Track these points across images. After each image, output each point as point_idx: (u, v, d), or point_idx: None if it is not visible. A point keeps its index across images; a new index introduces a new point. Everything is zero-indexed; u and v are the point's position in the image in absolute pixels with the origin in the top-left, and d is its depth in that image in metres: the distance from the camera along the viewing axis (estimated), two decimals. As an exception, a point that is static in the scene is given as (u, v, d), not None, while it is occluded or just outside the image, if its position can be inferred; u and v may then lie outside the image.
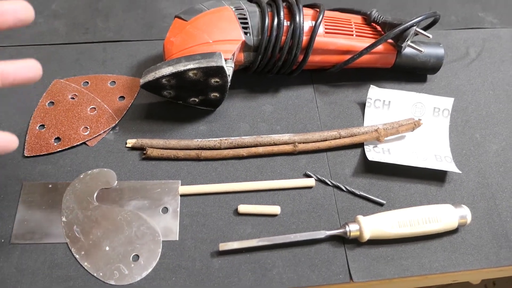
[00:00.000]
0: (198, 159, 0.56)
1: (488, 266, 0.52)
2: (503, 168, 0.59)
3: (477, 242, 0.53)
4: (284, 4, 0.57)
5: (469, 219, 0.52)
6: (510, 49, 0.71)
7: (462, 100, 0.65)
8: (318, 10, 0.59)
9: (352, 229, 0.50)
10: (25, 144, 0.55)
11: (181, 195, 0.54)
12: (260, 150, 0.57)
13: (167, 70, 0.51)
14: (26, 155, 0.55)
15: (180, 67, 0.51)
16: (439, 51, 0.63)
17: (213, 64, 0.50)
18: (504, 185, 0.57)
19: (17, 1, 0.37)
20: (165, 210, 0.53)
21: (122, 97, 0.61)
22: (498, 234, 0.54)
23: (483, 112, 0.64)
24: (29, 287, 0.47)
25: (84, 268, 0.49)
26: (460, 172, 0.56)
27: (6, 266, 0.48)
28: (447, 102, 0.61)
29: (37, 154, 0.55)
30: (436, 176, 0.57)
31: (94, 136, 0.57)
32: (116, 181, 0.54)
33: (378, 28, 0.62)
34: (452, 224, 0.52)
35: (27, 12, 0.37)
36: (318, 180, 0.56)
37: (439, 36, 0.72)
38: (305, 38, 0.57)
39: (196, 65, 0.50)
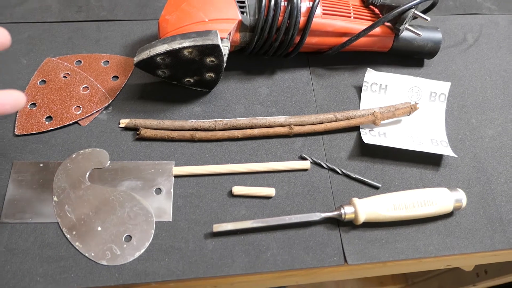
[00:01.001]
0: (192, 140, 0.55)
1: (483, 250, 0.52)
2: (499, 153, 0.59)
3: (472, 226, 0.53)
4: (281, -17, 0.56)
5: (464, 203, 0.52)
6: (507, 35, 0.71)
7: (459, 85, 0.65)
8: (316, -10, 0.58)
9: (347, 211, 0.50)
10: (16, 122, 0.54)
11: (175, 176, 0.53)
12: (255, 132, 0.56)
13: (161, 48, 0.50)
14: (16, 133, 0.54)
15: (175, 45, 0.50)
16: (437, 35, 0.63)
17: (209, 42, 0.49)
18: (499, 170, 0.57)
19: None
20: (159, 191, 0.52)
21: (116, 77, 0.60)
22: (493, 218, 0.54)
23: (479, 97, 0.64)
24: (19, 266, 0.46)
25: (75, 248, 0.48)
26: (456, 156, 0.56)
27: (-4, 245, 0.47)
28: (444, 87, 0.61)
29: (28, 133, 0.54)
30: (432, 160, 0.57)
31: (87, 115, 0.56)
32: (109, 161, 0.53)
33: (376, 10, 0.62)
34: (447, 207, 0.51)
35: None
36: (314, 163, 0.55)
37: (437, 21, 0.71)
38: (302, 19, 0.56)
39: (192, 43, 0.49)
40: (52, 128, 0.54)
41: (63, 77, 0.58)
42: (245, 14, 0.55)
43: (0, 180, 0.51)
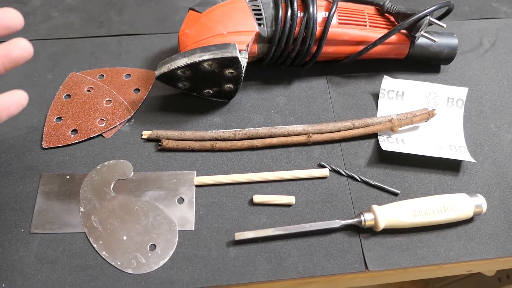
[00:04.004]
0: (213, 150, 0.57)
1: (504, 256, 0.52)
2: (519, 158, 0.59)
3: (493, 231, 0.53)
4: (297, -5, 0.57)
5: (484, 208, 0.52)
6: (524, 39, 0.71)
7: (476, 90, 0.65)
8: (331, 0, 0.59)
9: (367, 218, 0.50)
10: (43, 136, 0.56)
11: (197, 186, 0.54)
12: (274, 141, 0.57)
13: (182, 62, 0.52)
14: (44, 147, 0.56)
15: (195, 58, 0.51)
16: (453, 41, 0.63)
17: (228, 55, 0.51)
18: (519, 175, 0.57)
19: (5, 9, 0.37)
20: (181, 200, 0.53)
21: (137, 90, 0.61)
22: (514, 223, 0.54)
23: (497, 102, 0.64)
24: (49, 275, 0.48)
25: (102, 257, 0.49)
26: (475, 161, 0.56)
27: (26, 255, 0.49)
28: (461, 92, 0.61)
29: (55, 146, 0.56)
30: (451, 166, 0.57)
31: (110, 128, 0.57)
32: (132, 172, 0.55)
33: (392, 18, 0.62)
34: (467, 213, 0.52)
35: (14, 20, 0.37)
36: (332, 171, 0.56)
37: (452, 26, 0.71)
38: (318, 29, 0.57)
39: (211, 56, 0.51)
40: (77, 141, 0.56)
41: (87, 91, 0.60)
42: (262, 26, 0.56)
43: (29, 192, 0.53)
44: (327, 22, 0.57)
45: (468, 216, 0.52)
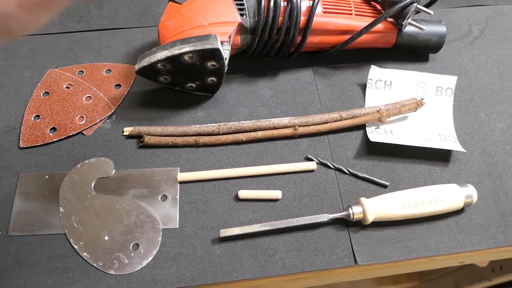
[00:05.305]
0: (196, 145, 0.55)
1: (496, 246, 0.51)
2: (509, 146, 0.57)
3: (484, 221, 0.52)
4: (280, -16, 0.56)
5: (475, 198, 0.51)
6: (513, 25, 0.70)
7: (466, 78, 0.63)
8: (315, -11, 0.57)
9: (355, 211, 0.49)
10: (20, 135, 0.55)
11: (180, 182, 0.53)
12: (260, 134, 0.55)
13: (162, 54, 0.50)
14: (21, 146, 0.54)
15: (175, 51, 0.49)
16: (441, 28, 0.62)
17: (209, 46, 0.49)
18: (510, 163, 0.56)
19: None
20: (164, 197, 0.52)
21: (118, 85, 0.59)
22: (505, 213, 0.53)
23: (487, 90, 0.63)
24: (28, 279, 0.46)
25: (83, 258, 0.48)
26: (465, 151, 0.55)
27: (4, 259, 0.47)
28: (450, 81, 0.60)
29: (33, 145, 0.54)
30: (441, 156, 0.56)
31: (90, 125, 0.56)
32: (114, 170, 0.53)
33: (378, 6, 0.61)
34: (457, 203, 0.50)
35: None
36: (320, 163, 0.55)
37: (441, 14, 0.70)
38: (303, 19, 0.55)
39: (192, 48, 0.49)
40: (56, 139, 0.54)
41: (66, 88, 0.58)
42: (244, 16, 0.54)
43: (6, 194, 0.51)
44: (311, 11, 0.55)
45: (458, 207, 0.51)
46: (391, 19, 0.59)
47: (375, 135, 0.56)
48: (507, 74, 0.64)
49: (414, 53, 0.65)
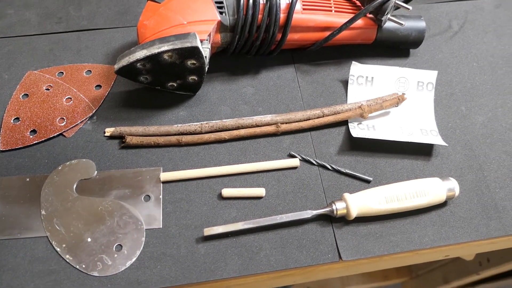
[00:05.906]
0: (179, 144, 0.55)
1: (479, 239, 0.51)
2: (490, 140, 0.58)
3: (467, 214, 0.52)
4: (259, -19, 0.56)
5: (457, 191, 0.51)
6: (492, 20, 0.70)
7: (446, 73, 0.64)
8: (295, -14, 0.57)
9: (338, 207, 0.49)
10: (0, 138, 0.54)
11: (163, 182, 0.52)
12: (242, 132, 0.55)
13: (141, 54, 0.50)
14: (1, 149, 0.53)
15: (154, 50, 0.49)
16: (420, 24, 0.62)
17: (188, 44, 0.49)
18: (491, 156, 0.57)
19: None
20: (147, 198, 0.51)
21: (99, 86, 0.59)
22: (487, 205, 0.53)
23: (467, 84, 0.63)
24: (9, 283, 0.46)
25: (66, 261, 0.47)
26: (447, 145, 0.56)
27: (-15, 263, 0.47)
28: (431, 76, 0.60)
29: (13, 148, 0.53)
30: (423, 151, 0.56)
31: (71, 126, 0.55)
32: (96, 171, 0.53)
33: (357, 3, 0.61)
34: (440, 197, 0.51)
35: None
36: (303, 160, 0.55)
37: (420, 10, 0.71)
38: (282, 16, 0.55)
39: (170, 47, 0.49)
40: (36, 142, 0.54)
41: (46, 89, 0.58)
42: (224, 14, 0.54)
43: (-14, 197, 0.50)
44: (290, 8, 0.55)
45: (441, 200, 0.51)
46: (370, 15, 0.60)
47: (357, 130, 0.56)
48: (487, 68, 0.65)
49: (394, 48, 0.65)
